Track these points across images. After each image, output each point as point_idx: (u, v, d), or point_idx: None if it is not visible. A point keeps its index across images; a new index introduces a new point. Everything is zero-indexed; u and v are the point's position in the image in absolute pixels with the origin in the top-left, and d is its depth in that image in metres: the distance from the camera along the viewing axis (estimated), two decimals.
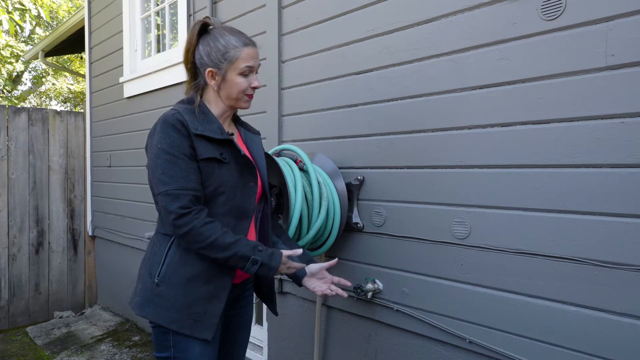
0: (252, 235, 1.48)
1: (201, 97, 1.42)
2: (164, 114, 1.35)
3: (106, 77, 4.17)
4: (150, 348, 3.41)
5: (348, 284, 1.56)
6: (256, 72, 1.43)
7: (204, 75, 1.39)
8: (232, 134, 1.41)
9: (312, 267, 1.53)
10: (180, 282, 1.33)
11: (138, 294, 1.39)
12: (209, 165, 1.33)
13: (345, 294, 1.52)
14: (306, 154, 1.91)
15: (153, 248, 1.42)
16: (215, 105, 1.42)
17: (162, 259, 1.36)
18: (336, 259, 1.60)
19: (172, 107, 1.38)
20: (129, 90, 3.76)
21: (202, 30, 1.39)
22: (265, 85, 2.36)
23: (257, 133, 1.59)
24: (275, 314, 1.65)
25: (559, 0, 1.37)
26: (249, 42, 1.39)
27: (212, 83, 1.39)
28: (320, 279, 1.54)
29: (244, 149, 1.49)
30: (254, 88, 1.41)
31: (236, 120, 1.56)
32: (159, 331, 1.37)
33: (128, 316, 4.06)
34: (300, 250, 1.42)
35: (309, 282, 1.53)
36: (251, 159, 1.48)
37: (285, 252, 1.39)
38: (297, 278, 1.53)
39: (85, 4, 4.49)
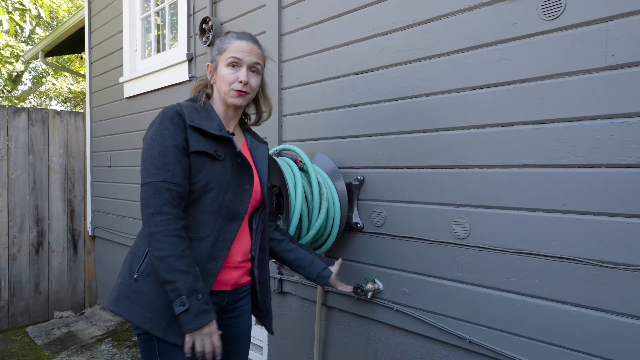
0: (246, 241, 1.46)
1: (208, 97, 1.45)
2: (165, 107, 1.36)
3: (106, 77, 4.17)
4: None
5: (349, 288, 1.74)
6: (252, 70, 1.40)
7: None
8: (233, 134, 1.40)
9: (333, 268, 1.65)
10: (158, 279, 1.26)
11: (116, 289, 1.34)
12: (200, 160, 1.31)
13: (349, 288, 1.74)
14: (306, 154, 1.91)
15: (137, 242, 1.37)
16: (218, 104, 1.43)
17: (144, 254, 1.31)
18: (340, 259, 1.75)
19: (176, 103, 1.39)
20: (129, 90, 3.76)
21: None
22: None
23: (265, 143, 1.59)
24: (271, 332, 1.58)
25: (559, 0, 1.37)
26: (243, 37, 1.40)
27: (210, 78, 1.43)
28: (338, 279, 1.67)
29: (247, 154, 1.49)
30: (242, 83, 1.36)
31: (247, 130, 1.57)
32: (144, 339, 1.32)
33: None
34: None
35: (336, 283, 1.65)
36: (251, 161, 1.48)
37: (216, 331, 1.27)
38: (323, 278, 1.58)
39: (85, 4, 4.49)
